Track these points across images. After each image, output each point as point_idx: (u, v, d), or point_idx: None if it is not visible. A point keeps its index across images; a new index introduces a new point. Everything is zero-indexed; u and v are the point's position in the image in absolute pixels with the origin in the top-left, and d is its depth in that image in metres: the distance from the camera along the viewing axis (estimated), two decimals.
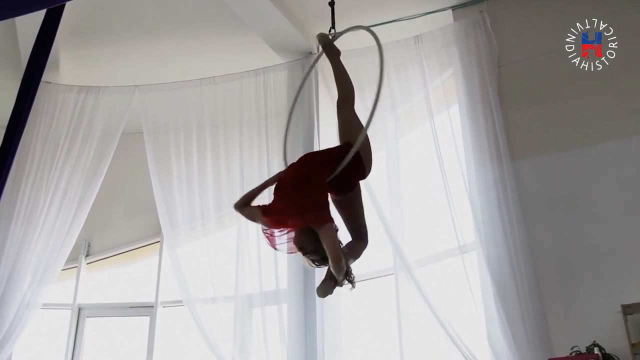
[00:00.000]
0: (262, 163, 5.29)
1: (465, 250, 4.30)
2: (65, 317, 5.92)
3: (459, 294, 4.25)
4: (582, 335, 3.74)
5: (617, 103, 4.28)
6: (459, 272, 4.28)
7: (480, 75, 4.72)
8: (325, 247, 2.80)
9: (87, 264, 6.21)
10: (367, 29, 3.41)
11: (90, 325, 5.99)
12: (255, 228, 5.16)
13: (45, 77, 5.00)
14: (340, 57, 3.57)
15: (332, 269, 2.84)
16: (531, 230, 4.21)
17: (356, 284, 2.95)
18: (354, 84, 3.24)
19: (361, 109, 4.93)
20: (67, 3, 4.16)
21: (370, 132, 4.83)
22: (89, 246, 6.23)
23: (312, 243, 2.84)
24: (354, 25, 3.60)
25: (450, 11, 5.15)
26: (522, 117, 4.57)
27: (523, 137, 4.51)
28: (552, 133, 4.43)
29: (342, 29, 5.08)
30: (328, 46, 3.62)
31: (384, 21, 5.22)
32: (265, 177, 5.05)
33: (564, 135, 4.38)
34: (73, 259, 5.85)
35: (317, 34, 3.74)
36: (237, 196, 5.19)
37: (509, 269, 4.10)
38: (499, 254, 4.18)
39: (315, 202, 2.89)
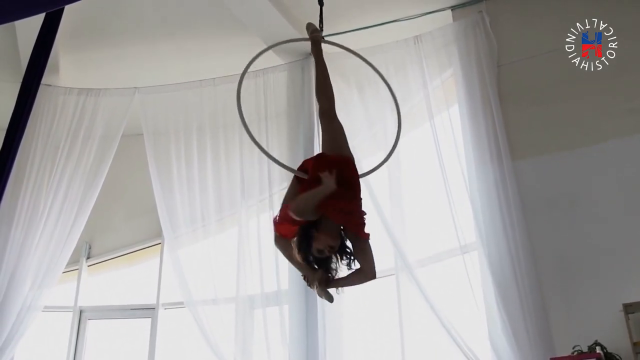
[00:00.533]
0: (262, 164, 5.28)
1: (466, 250, 4.30)
2: (67, 320, 5.92)
3: (460, 294, 4.25)
4: (584, 335, 3.74)
5: (617, 103, 4.28)
6: (460, 272, 4.27)
7: (480, 75, 4.72)
8: (367, 261, 2.82)
9: (88, 266, 6.21)
10: (372, 66, 3.29)
11: (92, 327, 5.99)
12: (255, 229, 5.17)
13: (45, 79, 5.03)
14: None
15: (358, 279, 2.85)
16: (532, 230, 4.20)
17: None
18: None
19: (362, 111, 4.97)
20: (66, 5, 4.16)
21: (370, 133, 4.87)
22: (90, 248, 6.23)
23: (338, 247, 2.81)
24: (350, 33, 3.50)
25: (449, 11, 5.14)
26: (522, 117, 4.57)
27: (523, 137, 4.50)
28: (552, 133, 4.43)
29: (341, 29, 5.12)
30: (318, 45, 3.54)
31: (383, 21, 5.23)
32: (265, 178, 5.12)
33: (564, 135, 4.38)
34: (74, 261, 5.83)
35: (307, 22, 3.64)
36: (238, 197, 5.29)
37: (510, 269, 4.10)
38: (500, 253, 4.18)
39: (363, 214, 2.91)
